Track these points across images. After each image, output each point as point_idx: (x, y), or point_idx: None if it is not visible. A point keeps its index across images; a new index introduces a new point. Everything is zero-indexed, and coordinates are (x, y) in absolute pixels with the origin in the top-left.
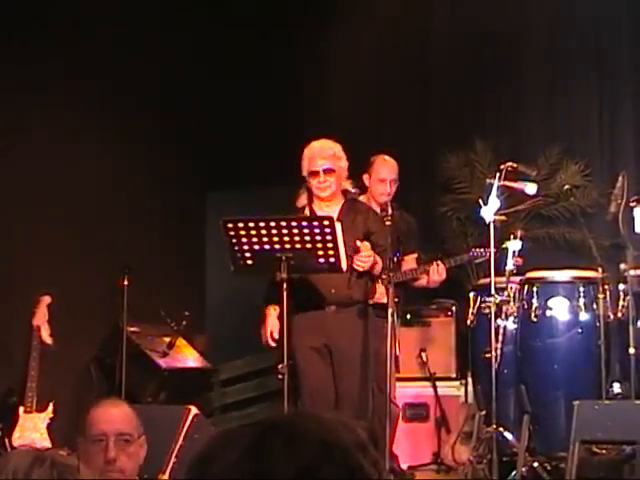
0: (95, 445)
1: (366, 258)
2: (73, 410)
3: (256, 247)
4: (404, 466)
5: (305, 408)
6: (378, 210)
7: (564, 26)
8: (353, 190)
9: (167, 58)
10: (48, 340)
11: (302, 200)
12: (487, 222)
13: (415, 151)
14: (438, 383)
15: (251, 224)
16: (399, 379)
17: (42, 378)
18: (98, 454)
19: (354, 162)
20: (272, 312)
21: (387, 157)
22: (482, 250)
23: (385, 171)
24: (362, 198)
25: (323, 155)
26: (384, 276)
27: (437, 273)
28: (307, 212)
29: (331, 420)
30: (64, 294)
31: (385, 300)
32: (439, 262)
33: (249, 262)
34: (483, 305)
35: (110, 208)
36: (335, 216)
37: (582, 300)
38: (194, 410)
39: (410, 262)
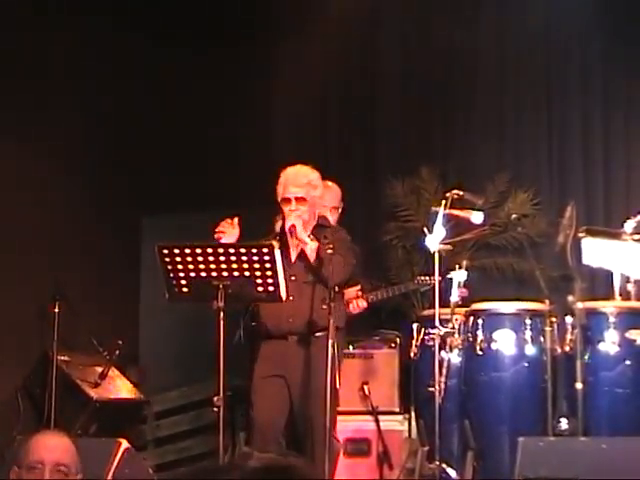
0: (30, 473)
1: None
2: None
3: (192, 274)
4: None
5: (252, 440)
6: None
7: (513, 54)
8: (331, 219)
9: (103, 80)
10: None
11: (278, 226)
12: (432, 251)
13: (360, 177)
14: (380, 417)
15: (187, 250)
16: (340, 413)
17: None
18: None
19: None
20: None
21: (330, 183)
22: (426, 278)
23: (327, 199)
24: None
25: (296, 183)
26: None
27: (355, 308)
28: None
29: None
30: None
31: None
32: (360, 296)
33: (185, 290)
34: (427, 337)
35: (41, 231)
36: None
37: (528, 333)
38: (125, 444)
39: (352, 294)
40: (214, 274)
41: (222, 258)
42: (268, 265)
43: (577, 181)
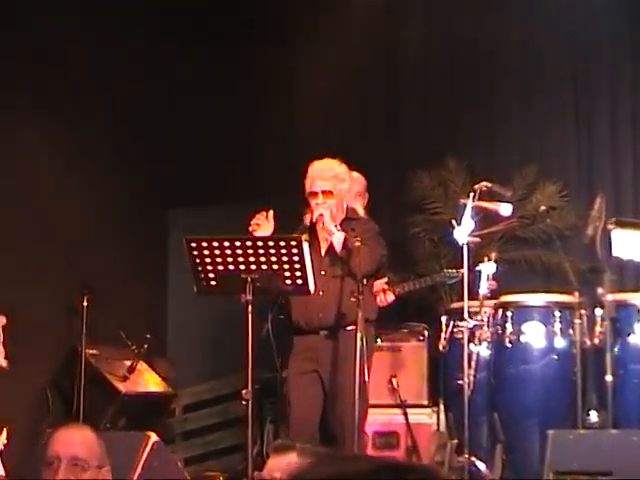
0: (46, 469)
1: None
2: (28, 436)
3: (220, 267)
4: None
5: (289, 435)
6: None
7: (539, 44)
8: (361, 211)
9: (126, 75)
10: (3, 363)
11: (307, 220)
12: (461, 244)
13: (386, 169)
14: (409, 410)
15: (215, 244)
16: (369, 406)
17: None
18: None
19: None
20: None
21: (355, 174)
22: (454, 270)
23: (356, 188)
24: None
25: (323, 176)
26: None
27: (383, 301)
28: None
29: None
30: (20, 314)
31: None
32: (387, 289)
33: (213, 283)
34: (456, 330)
35: (68, 226)
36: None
37: (558, 325)
38: (154, 437)
39: (379, 286)
40: (242, 267)
41: (250, 251)
42: (296, 258)
43: (606, 172)
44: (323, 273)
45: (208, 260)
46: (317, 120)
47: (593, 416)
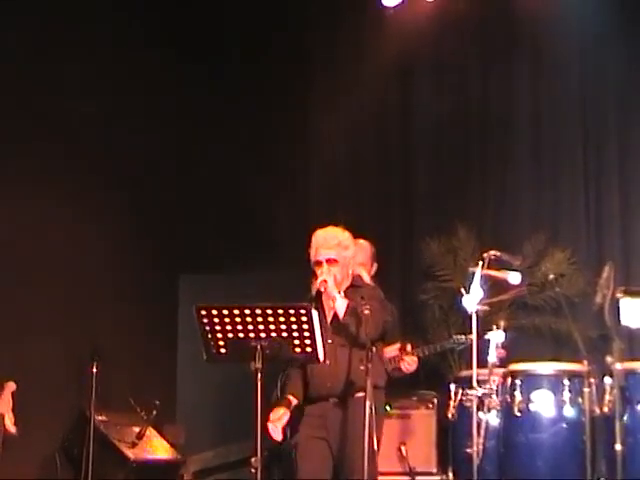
0: None
1: (413, 363)
2: None
3: (230, 335)
4: None
5: None
6: None
7: (549, 112)
8: (367, 278)
9: (142, 139)
10: (12, 429)
11: (314, 289)
12: (470, 312)
13: (396, 237)
14: (418, 478)
15: (225, 311)
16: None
17: (5, 468)
18: None
19: None
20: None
21: (361, 241)
22: (463, 337)
23: (359, 258)
24: None
25: (327, 245)
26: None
27: (409, 366)
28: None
29: None
30: (30, 380)
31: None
32: (409, 352)
33: (222, 350)
34: (465, 398)
35: (80, 290)
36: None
37: (567, 394)
38: None
39: (392, 352)
40: (252, 335)
41: (260, 319)
42: (306, 326)
43: (614, 240)
44: (330, 342)
45: (218, 327)
46: (330, 189)
47: None
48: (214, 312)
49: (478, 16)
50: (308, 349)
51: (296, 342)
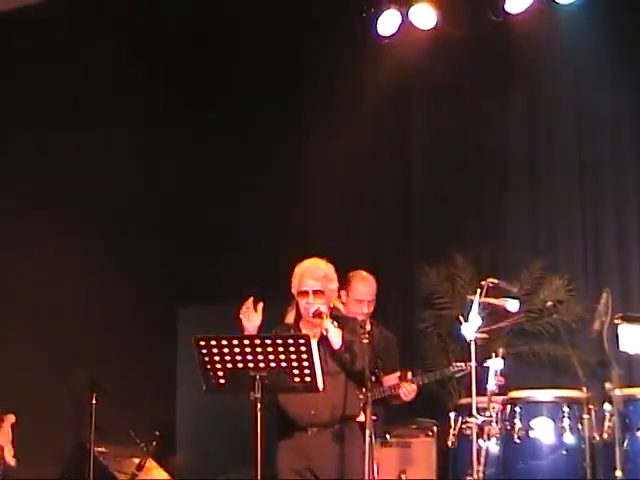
0: None
1: (412, 391)
2: None
3: (229, 365)
4: None
5: None
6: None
7: (546, 140)
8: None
9: (136, 172)
10: (12, 462)
11: (290, 317)
12: (468, 340)
13: (394, 265)
14: None
15: (224, 342)
16: None
17: None
18: None
19: None
20: None
21: (365, 273)
22: (462, 364)
23: (363, 291)
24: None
25: (314, 276)
26: (361, 395)
27: (407, 394)
28: (293, 330)
29: None
30: (29, 412)
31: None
32: (409, 380)
33: (221, 381)
34: (464, 426)
35: (77, 322)
36: (319, 334)
37: (567, 421)
38: None
39: (392, 380)
40: (251, 365)
41: (259, 349)
42: (305, 356)
43: (612, 267)
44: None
45: (217, 358)
46: (327, 220)
47: None
48: (213, 343)
49: (473, 43)
50: (307, 379)
51: (295, 372)
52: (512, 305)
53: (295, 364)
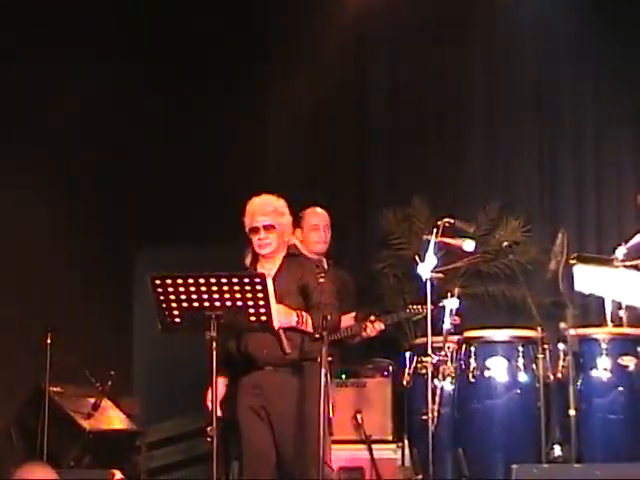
0: None
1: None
2: None
3: (185, 305)
4: None
5: (247, 470)
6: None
7: (504, 79)
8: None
9: (104, 119)
10: None
11: (248, 258)
12: (424, 279)
13: (351, 206)
14: (374, 446)
15: (179, 281)
16: (334, 442)
17: None
18: None
19: None
20: (219, 382)
21: (318, 208)
22: (419, 307)
23: (316, 218)
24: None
25: (263, 211)
26: (317, 335)
27: (373, 330)
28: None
29: None
30: None
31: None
32: (375, 319)
33: (177, 320)
34: (420, 365)
35: (32, 263)
36: (274, 272)
37: (521, 360)
38: (118, 474)
39: (348, 321)
40: (206, 304)
41: (214, 288)
42: (260, 295)
43: (568, 208)
44: None
45: (172, 297)
46: (285, 159)
47: (557, 450)
48: (168, 282)
49: None
50: (263, 317)
51: (251, 311)
52: (468, 245)
53: (251, 303)
